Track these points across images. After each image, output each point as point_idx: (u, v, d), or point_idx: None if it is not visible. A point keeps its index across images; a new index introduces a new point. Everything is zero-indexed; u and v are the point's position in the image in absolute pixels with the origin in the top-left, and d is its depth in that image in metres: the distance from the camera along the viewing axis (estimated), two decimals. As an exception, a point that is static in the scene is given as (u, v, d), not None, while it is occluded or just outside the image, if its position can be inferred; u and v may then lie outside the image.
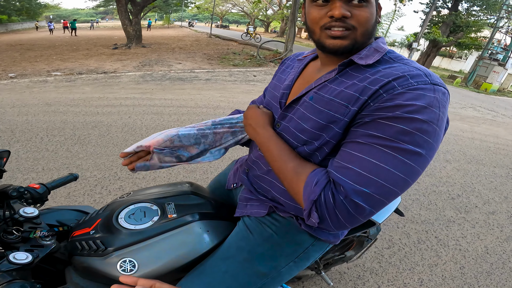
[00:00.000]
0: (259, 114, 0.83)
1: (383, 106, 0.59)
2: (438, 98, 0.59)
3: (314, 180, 0.62)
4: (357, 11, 0.64)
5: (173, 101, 5.09)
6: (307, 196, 0.62)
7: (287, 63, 0.97)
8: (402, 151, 0.56)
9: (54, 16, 59.67)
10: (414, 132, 0.56)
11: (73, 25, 23.77)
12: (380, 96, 0.60)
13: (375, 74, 0.64)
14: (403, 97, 0.58)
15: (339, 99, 0.67)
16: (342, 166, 0.61)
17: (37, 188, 0.91)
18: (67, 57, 10.35)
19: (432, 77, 0.62)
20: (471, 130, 6.03)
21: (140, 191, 1.01)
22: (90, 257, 0.77)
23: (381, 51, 0.70)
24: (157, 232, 0.82)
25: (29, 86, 5.71)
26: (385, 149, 0.57)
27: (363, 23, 0.66)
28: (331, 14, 0.64)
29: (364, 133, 0.61)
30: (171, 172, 2.81)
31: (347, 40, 0.66)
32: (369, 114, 0.61)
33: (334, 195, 0.59)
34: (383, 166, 0.57)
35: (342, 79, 0.70)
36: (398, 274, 2.01)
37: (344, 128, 0.66)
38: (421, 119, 0.56)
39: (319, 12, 0.67)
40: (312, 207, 0.61)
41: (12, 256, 0.68)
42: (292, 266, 0.88)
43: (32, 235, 0.77)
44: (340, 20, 0.64)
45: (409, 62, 0.67)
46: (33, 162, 2.71)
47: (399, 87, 0.59)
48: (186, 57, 11.42)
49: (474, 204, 3.05)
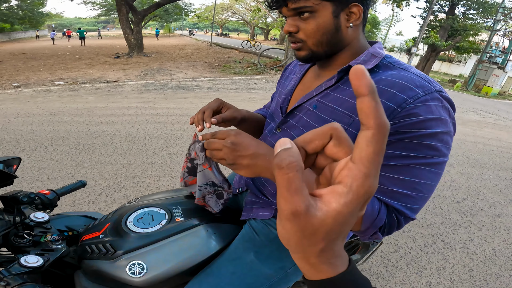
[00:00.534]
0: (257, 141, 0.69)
1: (403, 124, 0.61)
2: (445, 106, 0.63)
3: (376, 209, 0.63)
4: (303, 24, 0.69)
5: (176, 110, 5.12)
6: (370, 223, 0.63)
7: (290, 69, 1.00)
8: (435, 164, 0.62)
9: (56, 25, 60.48)
10: (439, 144, 0.61)
11: (81, 34, 23.42)
12: (395, 111, 0.61)
13: (378, 83, 0.65)
14: (419, 111, 0.60)
15: (343, 109, 0.68)
16: (388, 191, 0.64)
17: (47, 194, 0.93)
18: (70, 66, 10.46)
19: (434, 83, 0.64)
20: (473, 134, 6.03)
21: (148, 196, 1.03)
22: (100, 260, 0.78)
23: (379, 56, 0.71)
24: (165, 235, 0.82)
25: (33, 96, 5.77)
26: (420, 167, 0.62)
27: (310, 35, 0.70)
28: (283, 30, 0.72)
29: (394, 154, 0.62)
30: (175, 180, 2.82)
31: (304, 51, 0.73)
32: (391, 133, 0.62)
33: (398, 219, 0.66)
34: (423, 182, 0.63)
35: (343, 87, 0.71)
36: (406, 278, 2.00)
37: (352, 140, 0.66)
38: (441, 132, 0.61)
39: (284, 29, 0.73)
40: (377, 230, 0.66)
41: (24, 260, 0.69)
42: (298, 268, 0.89)
43: (43, 239, 0.78)
44: (290, 35, 0.72)
45: (408, 68, 0.68)
46: (38, 171, 2.73)
47: (409, 99, 0.61)
48: (187, 65, 11.52)
49: (480, 207, 3.04)
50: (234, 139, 0.66)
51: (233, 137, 0.66)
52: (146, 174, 2.87)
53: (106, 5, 30.90)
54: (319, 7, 0.66)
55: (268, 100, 6.38)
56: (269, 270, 0.84)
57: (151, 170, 2.95)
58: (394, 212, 0.66)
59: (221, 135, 0.68)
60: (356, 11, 0.69)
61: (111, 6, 29.36)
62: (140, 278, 0.75)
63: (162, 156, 3.28)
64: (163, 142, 3.64)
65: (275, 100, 0.96)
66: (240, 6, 49.24)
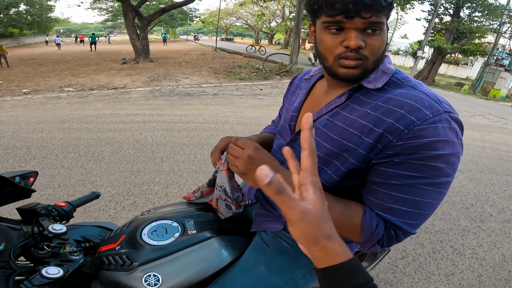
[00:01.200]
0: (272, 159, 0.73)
1: (409, 145, 0.61)
2: (454, 127, 0.63)
3: (374, 224, 0.67)
4: (371, 40, 0.64)
5: (182, 117, 5.18)
6: (368, 237, 0.68)
7: (296, 83, 0.98)
8: (438, 184, 0.63)
9: (64, 30, 61.36)
10: (444, 166, 0.62)
11: (93, 39, 23.68)
12: (402, 133, 0.61)
13: (387, 103, 0.65)
14: (426, 133, 0.60)
15: (352, 129, 0.68)
16: (389, 208, 0.66)
17: (64, 206, 0.96)
18: (78, 72, 10.63)
19: (443, 103, 0.64)
20: (482, 139, 5.97)
21: (160, 209, 1.05)
22: (117, 271, 0.81)
23: (389, 73, 0.70)
24: (179, 247, 0.85)
25: (42, 103, 5.88)
26: (423, 187, 0.63)
27: (375, 52, 0.66)
28: (347, 44, 0.63)
29: (399, 174, 0.63)
30: (182, 188, 2.85)
31: (359, 69, 0.67)
32: (397, 153, 0.63)
33: (396, 234, 0.68)
34: (425, 200, 0.64)
35: (353, 106, 0.71)
36: (414, 284, 1.99)
37: (360, 159, 0.68)
38: (447, 154, 0.61)
39: (333, 40, 0.66)
40: (375, 243, 0.69)
41: (45, 271, 0.71)
42: (308, 278, 0.90)
43: (62, 250, 0.81)
44: (354, 50, 0.64)
45: (417, 85, 0.68)
46: (49, 179, 2.78)
47: (418, 121, 0.61)
48: (193, 71, 11.63)
49: (489, 213, 3.01)
50: (251, 153, 0.69)
51: (251, 151, 0.69)
52: (154, 181, 2.91)
53: (113, 10, 31.35)
54: (384, 24, 0.65)
55: (273, 106, 6.44)
56: (280, 281, 0.86)
57: (159, 177, 2.99)
58: (393, 227, 0.67)
59: (241, 143, 0.71)
60: (387, 28, 0.70)
61: (117, 12, 29.80)
62: None
63: (169, 163, 3.32)
64: (171, 150, 3.69)
65: (282, 117, 0.95)
66: (244, 11, 49.63)
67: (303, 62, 17.02)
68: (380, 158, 0.65)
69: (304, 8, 0.67)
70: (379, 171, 0.66)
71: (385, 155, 0.64)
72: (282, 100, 1.06)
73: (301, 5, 11.75)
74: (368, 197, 0.70)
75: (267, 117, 5.52)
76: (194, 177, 3.06)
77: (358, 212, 0.69)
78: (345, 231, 0.69)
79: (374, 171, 0.68)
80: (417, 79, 0.76)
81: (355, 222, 0.68)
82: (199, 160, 3.46)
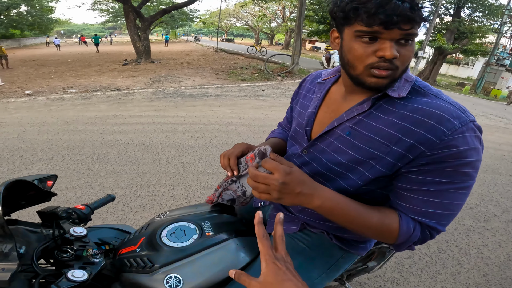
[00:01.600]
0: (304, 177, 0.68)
1: (442, 155, 0.64)
2: (478, 135, 0.66)
3: (411, 228, 0.71)
4: (404, 50, 0.64)
5: (186, 118, 5.20)
6: (406, 239, 0.72)
7: (307, 87, 0.96)
8: (466, 188, 0.67)
9: (65, 31, 61.34)
10: (472, 171, 0.66)
11: (96, 40, 23.64)
12: (434, 143, 0.64)
13: (415, 113, 0.67)
14: (457, 143, 0.63)
15: (380, 138, 0.69)
16: (424, 212, 0.70)
17: (83, 209, 0.98)
18: (80, 73, 10.66)
19: (467, 113, 0.67)
20: (485, 139, 5.86)
21: (175, 211, 1.07)
22: (139, 273, 0.83)
23: (411, 81, 0.71)
24: (198, 249, 0.87)
25: (46, 104, 5.91)
26: (454, 191, 0.67)
27: (405, 62, 0.66)
28: (382, 54, 0.63)
29: (431, 180, 0.67)
30: (189, 189, 2.87)
31: (388, 79, 0.66)
32: (429, 163, 0.66)
33: (431, 233, 0.72)
34: (455, 203, 0.68)
35: (377, 114, 0.71)
36: (420, 283, 2.01)
37: (388, 167, 0.70)
38: (474, 160, 0.65)
39: (365, 49, 0.65)
40: (412, 244, 0.74)
41: (70, 274, 0.73)
42: (324, 277, 0.92)
43: (85, 253, 0.82)
44: (388, 60, 0.63)
45: (439, 94, 0.70)
46: (57, 181, 2.79)
47: (448, 131, 0.63)
48: (194, 72, 11.65)
49: (493, 213, 3.03)
50: (285, 180, 0.63)
51: (283, 177, 0.63)
52: (160, 183, 2.93)
53: (114, 11, 31.39)
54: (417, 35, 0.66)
55: (276, 107, 6.44)
56: None
57: (165, 179, 3.01)
58: (428, 228, 0.71)
59: (270, 167, 0.65)
60: None
61: (118, 13, 29.83)
62: None
63: (175, 165, 3.34)
64: (175, 151, 3.71)
65: (295, 121, 0.94)
66: (245, 12, 49.65)
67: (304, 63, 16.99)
68: (411, 167, 0.68)
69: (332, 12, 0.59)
70: (411, 178, 0.69)
71: (417, 164, 0.67)
72: (284, 100, 1.06)
73: (303, 5, 11.75)
74: (400, 203, 0.73)
75: (270, 118, 5.54)
76: (199, 178, 3.08)
77: (394, 218, 0.72)
78: (383, 237, 0.72)
79: (405, 178, 0.70)
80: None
81: (393, 228, 0.71)
82: (204, 162, 3.48)
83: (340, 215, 0.70)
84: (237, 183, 0.93)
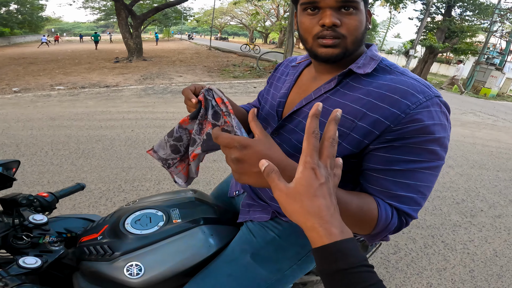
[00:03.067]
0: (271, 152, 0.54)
1: (407, 130, 0.62)
2: (444, 111, 0.65)
3: (389, 215, 0.66)
4: (347, 19, 0.66)
5: (175, 114, 5.14)
6: (383, 228, 0.66)
7: (281, 70, 0.97)
8: (434, 168, 0.65)
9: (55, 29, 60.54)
10: (439, 148, 0.64)
11: (95, 38, 23.15)
12: (399, 117, 0.62)
13: (379, 88, 0.66)
14: (422, 117, 0.62)
15: (345, 113, 0.68)
16: (396, 195, 0.66)
17: (46, 196, 0.93)
18: (69, 71, 10.48)
19: (432, 88, 0.66)
20: (472, 135, 6.03)
21: (146, 199, 1.03)
22: (98, 261, 0.79)
23: (376, 59, 0.72)
24: (163, 236, 0.83)
25: (33, 101, 5.79)
26: (423, 170, 0.64)
27: (352, 31, 0.67)
28: (322, 22, 0.65)
29: (399, 158, 0.64)
30: (174, 184, 2.81)
31: (338, 48, 0.67)
32: (396, 138, 0.63)
33: (406, 220, 0.69)
34: (425, 184, 0.66)
35: (344, 91, 0.71)
36: (406, 279, 2.00)
37: (354, 145, 0.67)
38: (442, 136, 0.64)
39: (311, 21, 0.68)
40: (388, 234, 0.69)
41: (22, 261, 0.69)
42: (295, 269, 0.89)
43: (41, 240, 0.78)
44: (330, 28, 0.65)
45: (405, 72, 0.70)
46: (39, 176, 2.73)
47: (412, 105, 0.62)
48: (186, 69, 11.56)
49: (480, 208, 3.04)
50: (239, 156, 0.52)
51: (238, 151, 0.52)
52: (146, 178, 2.88)
53: (106, 9, 31.03)
54: (360, 4, 0.66)
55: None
56: (266, 272, 0.84)
57: (150, 174, 2.96)
58: (404, 215, 0.68)
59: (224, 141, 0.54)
60: (369, 14, 0.72)
61: (110, 11, 29.47)
62: (137, 279, 0.75)
63: (161, 159, 3.29)
64: (163, 146, 3.65)
65: (268, 103, 0.92)
66: (239, 10, 49.52)
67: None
68: (378, 144, 0.65)
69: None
70: (379, 157, 0.66)
71: (384, 140, 0.65)
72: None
73: (295, 3, 11.72)
74: (371, 186, 0.68)
75: (261, 115, 5.49)
76: (186, 173, 3.03)
77: (372, 204, 0.66)
78: (360, 226, 0.66)
79: (374, 158, 0.67)
80: None
81: (372, 214, 0.65)
82: (191, 157, 3.43)
83: None
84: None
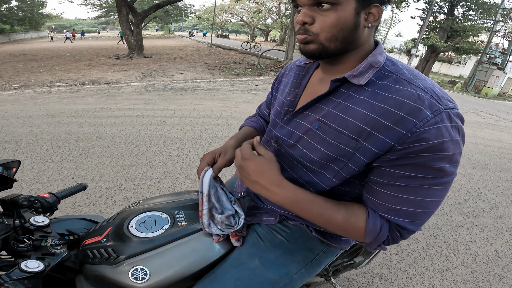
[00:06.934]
0: (266, 168, 0.69)
1: (413, 150, 0.59)
2: (456, 124, 0.61)
3: (378, 227, 0.66)
4: (321, 16, 0.64)
5: (176, 111, 5.11)
6: (374, 239, 0.66)
7: (287, 74, 0.93)
8: (442, 184, 0.62)
9: (56, 26, 60.29)
10: (448, 165, 0.61)
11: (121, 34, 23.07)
12: (404, 136, 0.59)
13: (384, 103, 0.62)
14: (429, 136, 0.58)
15: (349, 132, 0.65)
16: (394, 209, 0.64)
17: (47, 197, 0.91)
18: (69, 67, 10.43)
19: (442, 100, 0.61)
20: (474, 135, 6.01)
21: (149, 200, 1.01)
22: (102, 265, 0.77)
23: (376, 67, 0.67)
24: (168, 240, 0.81)
25: (33, 97, 5.76)
26: (428, 187, 0.62)
27: (326, 29, 0.64)
28: (295, 20, 0.67)
29: (403, 175, 0.62)
30: (176, 182, 2.81)
31: (314, 44, 0.67)
32: (401, 157, 0.61)
33: (401, 233, 0.67)
34: (430, 200, 0.63)
35: (346, 104, 0.67)
36: (408, 279, 1.98)
37: (359, 165, 0.66)
38: (451, 154, 0.60)
39: (296, 19, 0.68)
40: (381, 244, 0.68)
41: (24, 265, 0.67)
42: (303, 273, 0.87)
43: (43, 243, 0.76)
44: (303, 26, 0.66)
45: (413, 79, 0.64)
46: (38, 173, 2.71)
47: (419, 122, 0.58)
48: (187, 67, 11.51)
49: (482, 208, 3.02)
50: (242, 164, 0.71)
51: (240, 160, 0.71)
52: (146, 176, 2.86)
53: (106, 6, 30.87)
54: (343, 0, 0.62)
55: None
56: (274, 276, 0.82)
57: (151, 172, 2.94)
58: (397, 228, 0.66)
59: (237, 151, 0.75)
60: (375, 12, 0.66)
61: (111, 8, 29.35)
62: (143, 283, 0.73)
63: (162, 157, 3.27)
64: (164, 144, 3.63)
65: (273, 109, 0.90)
66: (240, 8, 49.33)
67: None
68: (381, 162, 0.64)
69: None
70: (382, 171, 0.64)
71: (387, 159, 0.63)
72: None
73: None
74: (370, 197, 0.68)
75: (262, 113, 5.47)
76: (187, 171, 3.01)
77: (361, 215, 0.67)
78: (350, 235, 0.68)
79: (377, 171, 0.66)
80: None
81: (359, 226, 0.66)
82: (192, 154, 3.41)
83: (302, 212, 0.69)
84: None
